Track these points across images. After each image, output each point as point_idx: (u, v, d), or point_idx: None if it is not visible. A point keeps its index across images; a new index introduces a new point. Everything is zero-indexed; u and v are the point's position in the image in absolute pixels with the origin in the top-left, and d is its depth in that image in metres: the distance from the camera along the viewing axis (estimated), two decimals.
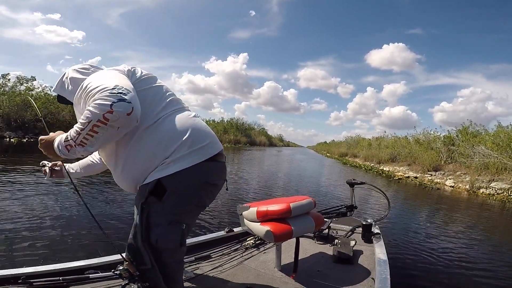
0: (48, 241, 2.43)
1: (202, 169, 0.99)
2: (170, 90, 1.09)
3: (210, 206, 4.20)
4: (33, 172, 5.68)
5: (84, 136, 0.84)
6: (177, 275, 1.06)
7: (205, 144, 1.01)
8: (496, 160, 9.40)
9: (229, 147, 33.61)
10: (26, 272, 1.31)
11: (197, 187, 1.01)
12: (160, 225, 0.96)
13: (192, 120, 1.04)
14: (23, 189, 4.26)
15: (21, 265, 1.44)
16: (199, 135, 1.01)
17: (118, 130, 0.83)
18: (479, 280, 2.50)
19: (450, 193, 8.25)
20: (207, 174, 1.03)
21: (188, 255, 1.76)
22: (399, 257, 2.85)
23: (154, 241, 0.96)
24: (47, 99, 19.17)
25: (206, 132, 1.05)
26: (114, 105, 0.79)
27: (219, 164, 1.09)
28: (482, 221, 5.06)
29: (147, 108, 0.95)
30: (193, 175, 0.98)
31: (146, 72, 1.05)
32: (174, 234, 0.98)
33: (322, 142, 77.09)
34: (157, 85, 1.04)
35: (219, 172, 1.09)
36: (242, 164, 13.01)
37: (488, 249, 3.43)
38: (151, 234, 0.96)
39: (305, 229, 1.64)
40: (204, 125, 1.08)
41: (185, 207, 1.01)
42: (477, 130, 13.07)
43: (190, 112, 1.08)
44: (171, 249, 0.99)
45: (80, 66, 1.09)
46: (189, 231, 1.09)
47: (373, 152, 19.10)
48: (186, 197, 0.99)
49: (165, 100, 1.02)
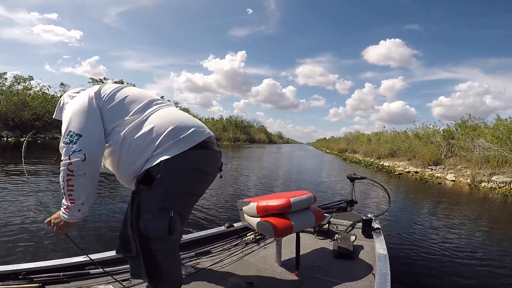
0: (48, 237, 2.44)
1: (189, 156, 1.04)
2: (149, 93, 1.17)
3: (211, 201, 4.22)
4: (31, 170, 5.69)
5: (68, 194, 0.99)
6: (167, 264, 1.07)
7: (189, 132, 1.06)
8: (497, 153, 9.37)
9: (228, 145, 33.60)
10: (27, 267, 1.32)
11: (185, 175, 1.05)
12: (149, 211, 1.01)
13: (174, 113, 1.12)
14: (22, 186, 4.27)
15: (21, 261, 1.44)
16: (182, 126, 1.07)
17: (86, 175, 0.97)
18: (480, 274, 2.52)
19: (451, 188, 8.25)
20: (195, 161, 1.07)
21: (189, 250, 1.77)
22: (400, 252, 2.86)
23: (143, 228, 1.00)
24: (45, 98, 19.11)
25: (189, 122, 1.11)
26: (70, 157, 0.95)
27: (209, 151, 1.14)
28: (483, 215, 5.07)
29: (124, 114, 1.05)
30: (180, 163, 1.02)
31: (116, 86, 1.13)
32: (162, 220, 1.01)
33: (321, 138, 77.06)
34: (131, 94, 1.11)
35: (208, 159, 1.14)
36: (242, 160, 13.02)
37: (490, 243, 3.44)
38: (140, 221, 1.01)
39: (305, 224, 1.64)
40: (187, 116, 1.15)
41: (174, 194, 1.04)
42: (476, 124, 13.07)
43: (172, 108, 1.17)
44: (159, 237, 1.02)
45: (73, 91, 1.20)
46: (183, 221, 1.12)
47: (373, 148, 19.13)
48: (174, 185, 1.03)
49: (143, 102, 1.09)
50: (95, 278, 1.38)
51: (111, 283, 1.34)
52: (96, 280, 1.36)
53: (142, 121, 1.05)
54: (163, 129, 1.04)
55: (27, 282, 1.25)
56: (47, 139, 16.58)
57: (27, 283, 1.24)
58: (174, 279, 1.12)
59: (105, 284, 1.34)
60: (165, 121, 1.05)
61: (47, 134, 17.43)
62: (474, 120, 13.36)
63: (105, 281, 1.36)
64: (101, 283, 1.34)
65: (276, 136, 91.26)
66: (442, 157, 12.13)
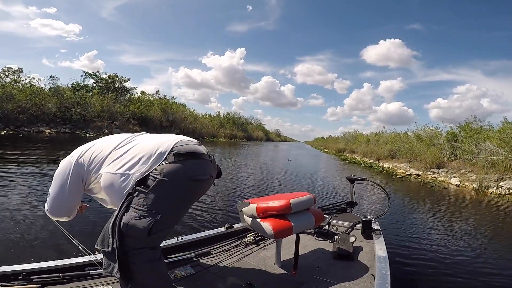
0: (48, 237, 2.46)
1: (181, 166, 1.17)
2: (128, 137, 1.32)
3: (210, 203, 4.27)
4: (25, 165, 5.66)
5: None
6: (141, 270, 1.12)
7: (181, 145, 1.22)
8: (505, 157, 9.23)
9: (225, 142, 33.58)
10: (26, 268, 1.35)
11: (178, 183, 1.16)
12: (137, 210, 1.10)
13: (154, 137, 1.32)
14: (22, 184, 4.26)
15: (21, 262, 1.48)
16: (169, 143, 1.23)
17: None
18: (480, 277, 2.59)
19: (456, 192, 8.21)
20: (187, 171, 1.18)
21: (188, 251, 1.81)
22: (399, 253, 2.94)
23: (124, 223, 1.09)
24: (32, 91, 18.88)
25: (172, 140, 1.26)
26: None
27: (201, 161, 1.24)
28: (487, 220, 5.09)
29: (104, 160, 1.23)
30: (173, 172, 1.15)
31: (96, 148, 1.27)
32: (146, 220, 1.09)
33: (319, 137, 77.13)
34: (107, 147, 1.26)
35: (200, 168, 1.23)
36: (241, 158, 13.05)
37: (492, 248, 3.53)
38: (124, 217, 1.10)
39: (305, 225, 1.70)
40: (164, 137, 1.31)
41: (167, 200, 1.14)
42: (481, 126, 13.02)
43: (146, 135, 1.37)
44: (137, 236, 1.09)
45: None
46: (167, 228, 1.20)
47: (372, 148, 19.18)
48: (168, 191, 1.15)
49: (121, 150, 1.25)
50: (95, 279, 1.41)
51: (111, 284, 1.38)
52: (96, 281, 1.40)
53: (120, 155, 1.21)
54: (147, 152, 1.20)
55: (27, 283, 1.28)
56: (31, 132, 16.38)
57: (27, 283, 1.27)
58: (146, 286, 1.16)
59: (105, 285, 1.37)
60: (146, 147, 1.22)
61: (32, 127, 17.22)
62: (478, 122, 13.34)
63: (104, 282, 1.39)
64: (101, 284, 1.38)
65: (273, 134, 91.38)
66: (445, 160, 12.09)
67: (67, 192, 1.23)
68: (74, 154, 1.26)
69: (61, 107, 19.84)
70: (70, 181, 1.22)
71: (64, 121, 19.81)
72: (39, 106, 18.44)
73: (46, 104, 18.87)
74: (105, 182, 1.19)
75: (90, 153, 1.24)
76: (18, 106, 17.13)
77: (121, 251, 1.09)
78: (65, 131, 18.73)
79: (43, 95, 19.33)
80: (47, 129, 17.80)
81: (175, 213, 1.22)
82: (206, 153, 1.27)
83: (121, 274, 1.10)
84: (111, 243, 1.10)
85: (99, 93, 25.32)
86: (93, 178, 1.22)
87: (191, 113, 38.57)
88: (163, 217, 1.12)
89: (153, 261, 1.15)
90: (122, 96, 29.01)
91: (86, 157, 1.24)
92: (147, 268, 1.14)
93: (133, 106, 26.84)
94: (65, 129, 19.05)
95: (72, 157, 1.25)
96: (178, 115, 32.43)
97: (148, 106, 28.83)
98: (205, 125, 38.86)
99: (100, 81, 28.72)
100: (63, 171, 1.23)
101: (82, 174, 1.23)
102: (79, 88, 25.62)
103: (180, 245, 1.85)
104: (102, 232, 1.17)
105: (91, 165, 1.22)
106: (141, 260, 1.12)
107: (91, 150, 1.25)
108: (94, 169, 1.22)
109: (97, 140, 1.33)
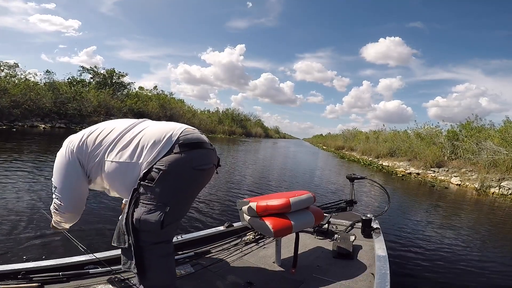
0: (47, 236, 2.45)
1: (185, 157, 1.18)
2: (131, 123, 1.32)
3: (210, 201, 4.28)
4: (23, 162, 5.64)
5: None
6: (156, 264, 1.16)
7: (184, 135, 1.23)
8: (507, 157, 9.26)
9: (223, 138, 33.57)
10: (26, 267, 1.36)
11: (183, 174, 1.18)
12: (146, 205, 1.12)
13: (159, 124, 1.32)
14: (20, 182, 4.25)
15: (20, 260, 1.49)
16: (175, 131, 1.24)
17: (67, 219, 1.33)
18: (480, 276, 2.63)
19: (457, 192, 8.22)
20: (192, 161, 1.20)
21: (188, 250, 1.83)
22: (399, 252, 2.97)
23: (136, 219, 1.11)
24: (27, 85, 18.76)
25: (173, 128, 1.27)
26: (55, 212, 1.30)
27: (204, 151, 1.26)
28: (489, 221, 5.12)
29: (103, 144, 1.22)
30: (177, 163, 1.16)
31: (98, 133, 1.26)
32: (156, 214, 1.12)
33: (318, 134, 77.59)
34: (111, 133, 1.26)
35: (204, 158, 1.26)
36: (240, 155, 13.07)
37: (492, 247, 3.58)
38: (136, 213, 1.12)
39: (304, 224, 1.72)
40: (168, 124, 1.32)
41: (173, 191, 1.16)
42: (482, 125, 13.08)
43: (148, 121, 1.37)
44: (151, 229, 1.12)
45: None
46: (177, 218, 1.23)
47: (371, 146, 19.28)
48: (173, 183, 1.16)
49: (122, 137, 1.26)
50: (94, 278, 1.42)
51: (111, 282, 1.39)
52: (96, 280, 1.40)
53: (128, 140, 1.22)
54: (155, 140, 1.20)
55: (26, 282, 1.28)
56: (25, 127, 16.30)
57: (26, 282, 1.28)
58: (161, 281, 1.19)
59: (104, 283, 1.38)
60: (154, 135, 1.22)
61: (25, 122, 17.13)
62: (480, 121, 13.41)
63: (104, 280, 1.40)
64: (101, 283, 1.38)
65: (272, 130, 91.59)
66: (445, 159, 12.14)
67: (75, 181, 1.22)
68: (74, 140, 1.24)
69: (56, 102, 19.75)
70: (74, 168, 1.21)
71: (59, 116, 19.75)
72: (34, 101, 18.33)
73: (41, 98, 18.77)
74: (110, 170, 1.19)
75: (93, 139, 1.23)
76: (12, 100, 17.02)
77: (137, 247, 1.12)
78: (60, 126, 18.67)
79: (38, 90, 19.23)
80: (41, 124, 17.73)
81: (183, 203, 1.24)
82: (208, 142, 1.30)
83: (138, 270, 1.13)
84: (127, 240, 1.13)
85: (96, 88, 25.22)
86: (95, 164, 1.21)
87: (189, 109, 38.60)
88: (171, 208, 1.14)
89: (169, 256, 1.20)
90: (119, 91, 28.94)
91: (89, 142, 1.22)
92: (162, 263, 1.17)
93: (130, 101, 26.77)
94: (60, 124, 19.01)
95: (71, 143, 1.23)
96: (176, 111, 32.43)
97: (145, 102, 28.78)
98: (204, 121, 38.94)
99: (98, 76, 28.60)
100: (64, 160, 1.21)
101: (82, 160, 1.22)
102: (75, 83, 25.48)
103: (180, 243, 1.87)
104: (116, 229, 1.19)
105: (93, 151, 1.21)
106: (157, 254, 1.15)
107: (94, 135, 1.24)
108: (97, 156, 1.21)
109: (99, 125, 1.31)
